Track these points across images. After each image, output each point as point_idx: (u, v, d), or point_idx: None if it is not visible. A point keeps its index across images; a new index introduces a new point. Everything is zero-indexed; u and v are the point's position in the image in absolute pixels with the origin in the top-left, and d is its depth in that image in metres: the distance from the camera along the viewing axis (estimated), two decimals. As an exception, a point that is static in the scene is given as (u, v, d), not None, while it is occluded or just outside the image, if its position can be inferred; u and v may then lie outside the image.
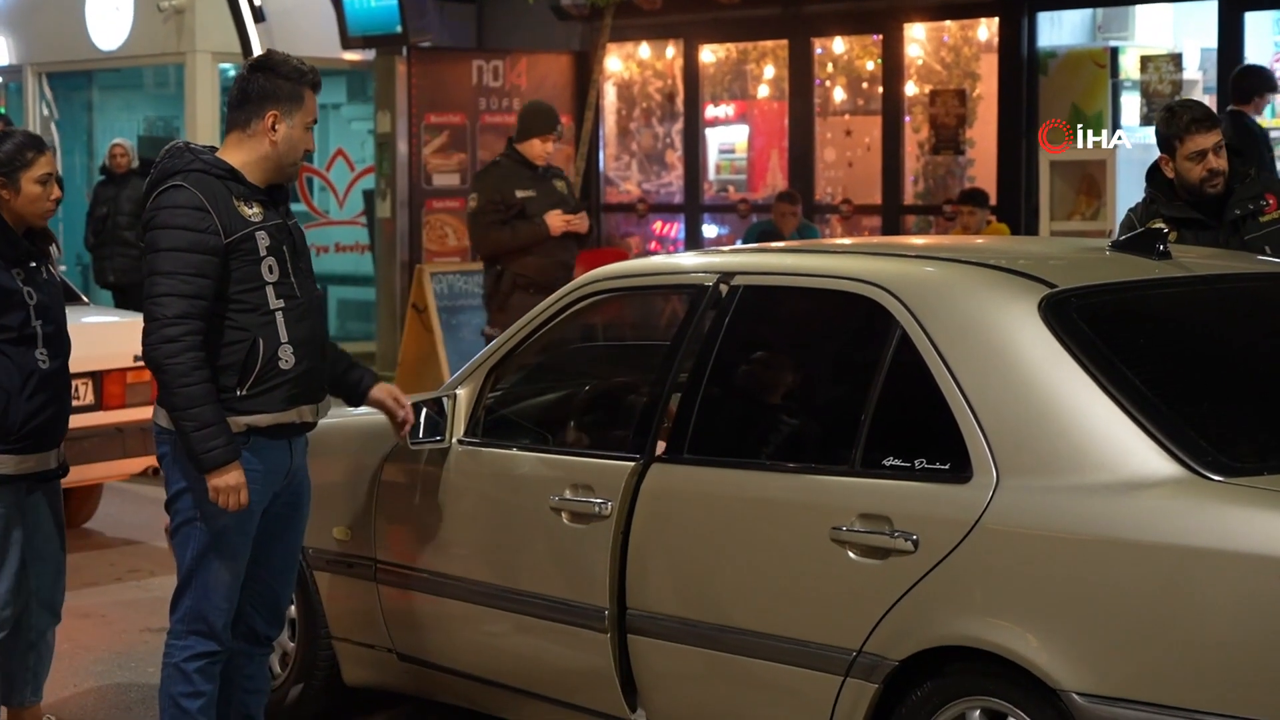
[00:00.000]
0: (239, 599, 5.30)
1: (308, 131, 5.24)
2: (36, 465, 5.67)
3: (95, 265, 15.07)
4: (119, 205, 14.35)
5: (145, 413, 8.69)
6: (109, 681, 6.90)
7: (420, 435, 5.71)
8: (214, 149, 5.23)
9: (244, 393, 5.10)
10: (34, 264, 5.71)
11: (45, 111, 18.65)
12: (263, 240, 5.11)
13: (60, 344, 5.74)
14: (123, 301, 14.00)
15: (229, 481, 5.02)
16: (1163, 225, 6.14)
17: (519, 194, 9.41)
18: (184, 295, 4.98)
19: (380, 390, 5.56)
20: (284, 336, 5.13)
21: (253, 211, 5.12)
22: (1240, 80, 10.68)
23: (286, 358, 5.13)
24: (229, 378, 5.08)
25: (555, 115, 9.76)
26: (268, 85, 5.17)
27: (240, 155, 5.17)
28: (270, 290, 5.11)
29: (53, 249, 5.92)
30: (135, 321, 9.22)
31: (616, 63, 15.96)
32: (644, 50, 15.88)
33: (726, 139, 15.50)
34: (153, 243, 5.04)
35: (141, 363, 8.53)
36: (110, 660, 7.17)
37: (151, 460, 8.72)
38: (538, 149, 9.49)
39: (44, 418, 5.63)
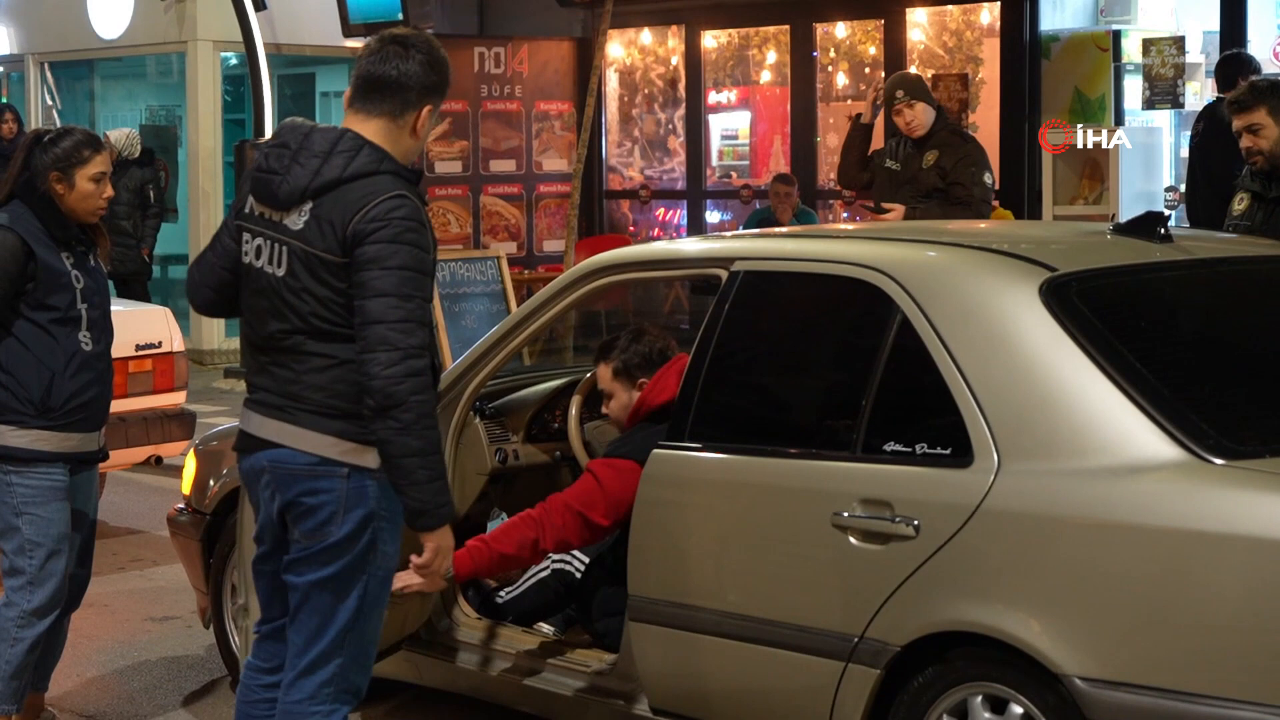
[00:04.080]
0: None
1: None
2: (79, 445, 5.72)
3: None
4: (117, 195, 14.32)
5: (147, 402, 8.70)
6: (112, 671, 6.89)
7: None
8: (345, 131, 4.38)
9: None
10: (82, 249, 5.74)
11: (48, 101, 18.63)
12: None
13: (104, 330, 5.79)
14: (123, 291, 13.99)
15: (449, 542, 4.37)
16: (1243, 194, 6.49)
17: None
18: (424, 323, 4.28)
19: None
20: None
21: None
22: (1220, 68, 10.69)
23: None
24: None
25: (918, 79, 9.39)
26: (431, 76, 4.39)
27: (395, 151, 4.38)
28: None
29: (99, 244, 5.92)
30: (137, 311, 9.29)
31: (618, 49, 15.95)
32: (646, 36, 15.87)
33: (729, 125, 15.50)
34: (383, 258, 4.23)
35: (144, 352, 8.68)
36: (113, 650, 7.16)
37: (153, 449, 8.70)
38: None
39: (86, 398, 5.69)
